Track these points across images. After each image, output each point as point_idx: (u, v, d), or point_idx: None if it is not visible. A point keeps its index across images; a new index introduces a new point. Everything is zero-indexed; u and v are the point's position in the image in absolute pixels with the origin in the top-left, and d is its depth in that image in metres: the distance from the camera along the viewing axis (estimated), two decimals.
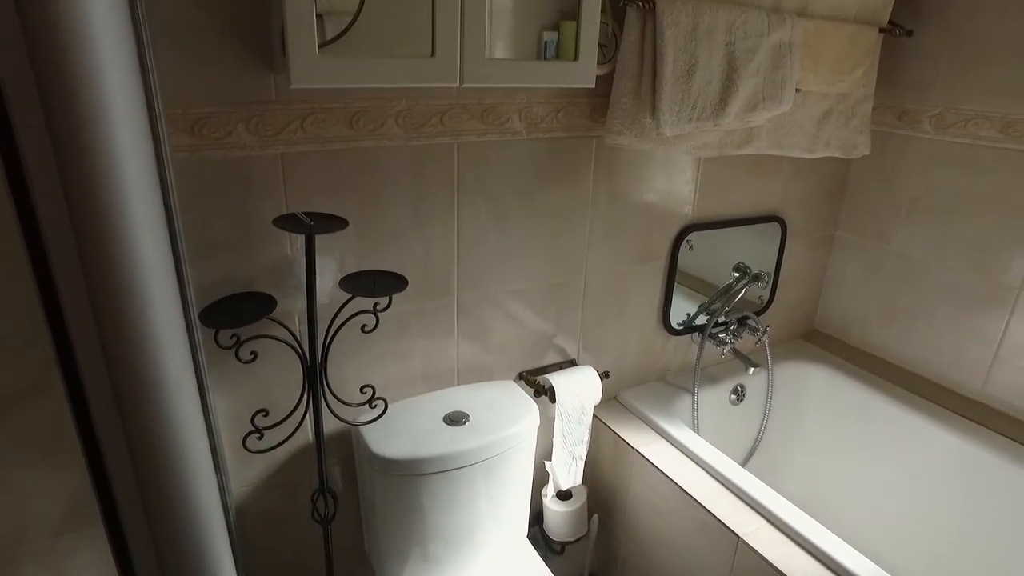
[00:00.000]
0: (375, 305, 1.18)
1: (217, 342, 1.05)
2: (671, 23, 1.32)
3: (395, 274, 1.22)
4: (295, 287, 1.21)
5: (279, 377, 1.28)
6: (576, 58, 1.24)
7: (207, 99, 1.06)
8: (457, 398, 1.43)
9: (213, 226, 1.13)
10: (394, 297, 1.19)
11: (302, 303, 1.23)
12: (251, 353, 1.11)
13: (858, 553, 1.27)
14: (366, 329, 1.22)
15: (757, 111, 1.48)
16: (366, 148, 1.23)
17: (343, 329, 1.19)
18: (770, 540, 1.34)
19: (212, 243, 1.13)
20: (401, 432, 1.31)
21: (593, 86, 1.26)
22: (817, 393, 2.02)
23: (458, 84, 1.12)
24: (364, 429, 1.30)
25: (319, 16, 1.04)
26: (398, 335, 1.39)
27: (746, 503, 1.43)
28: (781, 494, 1.43)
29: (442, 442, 1.29)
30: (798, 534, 1.33)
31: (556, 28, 1.25)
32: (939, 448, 1.75)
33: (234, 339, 1.08)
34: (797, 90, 1.56)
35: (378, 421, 1.30)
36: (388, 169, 1.26)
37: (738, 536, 1.35)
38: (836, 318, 2.16)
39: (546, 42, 1.27)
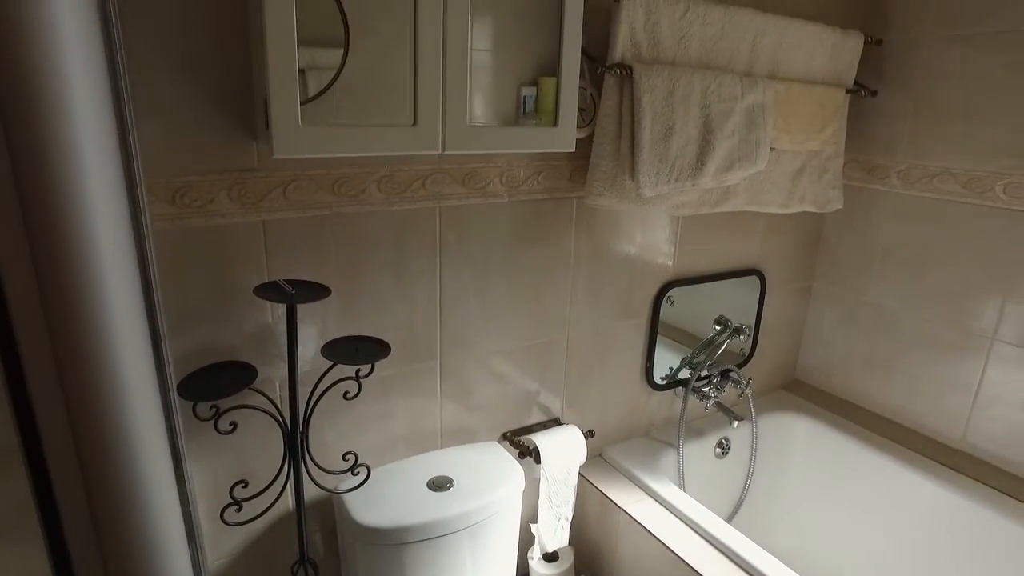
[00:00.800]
0: (357, 372, 1.17)
1: (196, 414, 1.03)
2: (648, 89, 1.35)
3: (377, 340, 1.21)
4: (276, 355, 1.19)
5: (259, 446, 1.25)
6: (556, 123, 1.26)
7: (190, 167, 1.06)
8: (441, 462, 1.41)
9: (194, 295, 1.12)
10: (380, 363, 1.18)
11: (283, 371, 1.22)
12: (230, 424, 1.08)
13: None
14: (348, 396, 1.21)
15: (733, 171, 1.52)
16: (348, 214, 1.23)
17: (325, 396, 1.17)
18: None
19: (193, 312, 1.12)
20: (384, 499, 1.28)
21: (573, 150, 1.29)
22: (801, 444, 2.02)
23: (440, 152, 1.14)
24: (346, 497, 1.27)
25: (301, 71, 1.05)
26: (381, 399, 1.38)
27: (734, 562, 1.41)
28: (768, 548, 1.42)
29: (426, 509, 1.26)
30: None
31: (534, 83, 1.28)
32: (922, 498, 1.76)
33: (213, 410, 1.06)
34: (771, 149, 1.61)
35: (361, 488, 1.27)
36: (370, 234, 1.27)
37: None
38: (817, 368, 2.18)
39: (525, 96, 1.30)
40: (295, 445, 1.14)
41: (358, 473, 1.23)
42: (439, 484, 1.32)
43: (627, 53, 1.37)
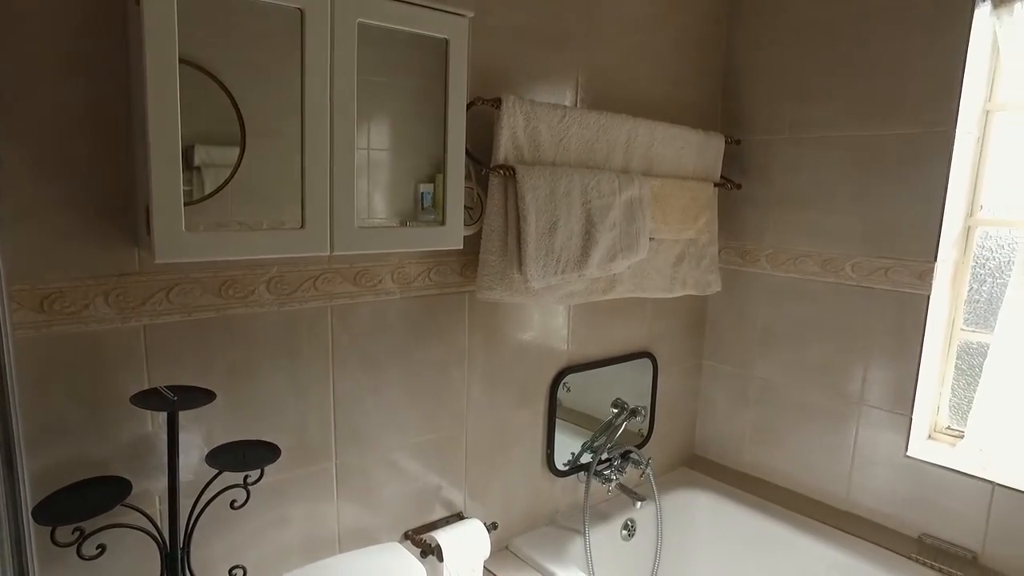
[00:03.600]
0: (246, 478, 1.13)
1: (55, 540, 0.95)
2: (531, 188, 1.44)
3: (267, 443, 1.17)
4: (156, 467, 1.13)
5: (134, 569, 1.16)
6: (443, 222, 1.32)
7: (62, 273, 1.03)
8: (338, 569, 1.34)
9: (61, 407, 1.06)
10: (270, 468, 1.14)
11: (164, 483, 1.15)
12: (98, 547, 1.00)
13: None
14: (236, 505, 1.15)
15: (617, 260, 1.62)
16: (236, 315, 1.22)
17: (211, 507, 1.12)
18: None
19: (57, 425, 1.05)
20: None
21: (461, 247, 1.34)
22: (704, 519, 2.07)
23: (329, 253, 1.16)
24: None
25: (197, 168, 1.06)
26: (273, 506, 1.32)
27: None
28: None
29: None
30: None
31: (432, 180, 1.34)
32: (814, 560, 1.82)
33: (77, 533, 0.98)
34: (651, 239, 1.73)
35: None
36: (260, 336, 1.25)
37: None
38: (713, 443, 2.26)
39: (423, 193, 1.35)
40: (174, 564, 1.07)
41: None
42: None
43: (510, 155, 1.46)
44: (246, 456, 1.13)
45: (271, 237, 1.10)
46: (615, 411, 1.94)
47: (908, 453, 1.79)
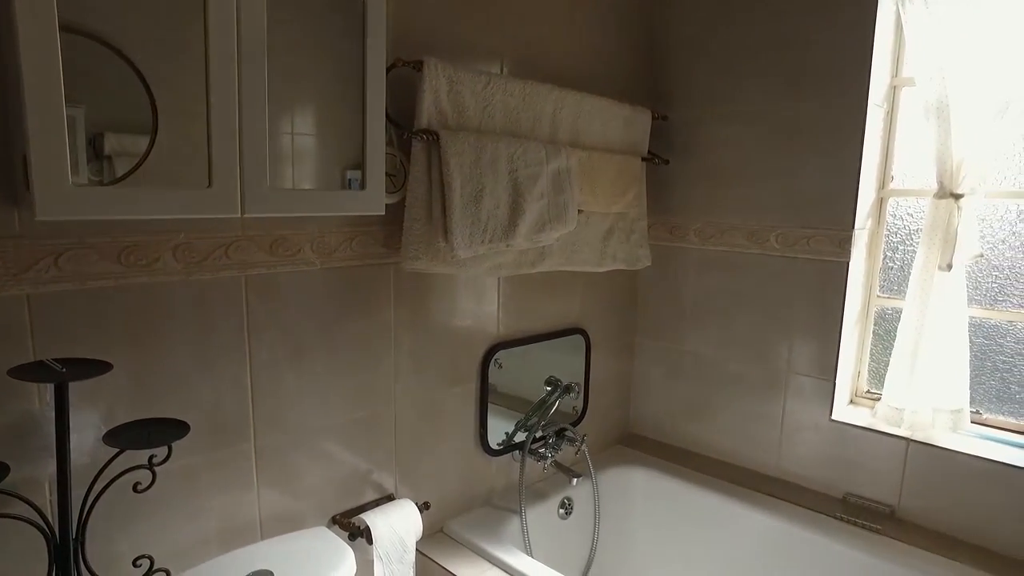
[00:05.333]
0: (151, 459, 1.04)
1: None
2: (455, 153, 1.40)
3: (175, 420, 1.09)
4: (42, 448, 1.02)
5: (19, 566, 1.05)
6: (364, 186, 1.26)
7: None
8: (260, 555, 1.26)
9: None
10: (178, 448, 1.06)
11: (53, 467, 1.05)
12: None
13: None
14: (140, 488, 1.06)
15: (545, 231, 1.59)
16: (140, 285, 1.13)
17: (113, 493, 1.02)
18: None
19: None
20: None
21: (383, 213, 1.29)
22: (641, 495, 2.07)
23: (240, 215, 1.08)
24: None
25: (107, 157, 0.98)
26: (186, 492, 1.23)
27: None
28: None
29: None
30: None
31: (360, 167, 1.27)
32: (751, 527, 1.85)
33: None
34: (580, 211, 1.71)
35: None
36: (167, 307, 1.16)
37: None
38: (648, 419, 2.28)
39: (350, 179, 1.29)
40: (66, 557, 0.97)
41: None
42: None
43: (433, 120, 1.42)
44: (151, 434, 1.04)
45: (174, 196, 1.02)
46: (548, 389, 1.92)
47: (832, 417, 1.84)
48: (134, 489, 1.06)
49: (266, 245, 1.28)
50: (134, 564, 1.09)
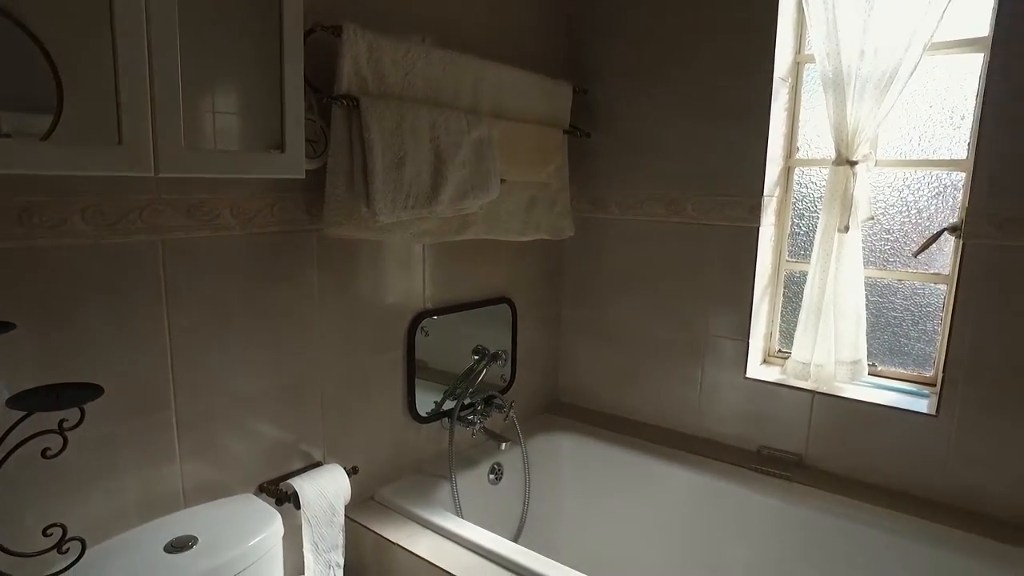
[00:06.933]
0: (61, 423, 1.01)
1: None
2: (376, 119, 1.41)
3: (87, 384, 1.06)
4: None
5: None
6: (283, 150, 1.25)
7: None
8: (183, 523, 1.25)
9: None
10: (93, 415, 1.03)
11: None
12: None
13: None
14: (49, 454, 1.03)
15: (468, 199, 1.62)
16: (45, 247, 1.09)
17: (20, 462, 0.99)
18: None
19: None
20: (109, 575, 1.10)
21: (303, 176, 1.28)
22: (570, 458, 2.14)
23: (154, 174, 1.06)
24: None
25: (7, 135, 0.93)
26: (102, 461, 1.20)
27: (511, 571, 1.42)
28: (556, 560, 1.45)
29: (162, 574, 1.10)
30: None
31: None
32: (674, 483, 1.95)
33: None
34: (503, 181, 1.75)
35: (73, 570, 1.07)
36: (77, 271, 1.13)
37: None
38: (576, 386, 2.34)
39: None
40: None
41: (67, 551, 1.04)
42: (179, 545, 1.17)
43: (353, 86, 1.42)
44: (60, 397, 1.01)
45: (80, 152, 0.99)
46: (476, 358, 1.96)
47: (747, 375, 1.95)
48: (43, 455, 1.03)
49: (183, 209, 1.25)
50: (44, 533, 1.05)
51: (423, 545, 1.52)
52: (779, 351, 2.05)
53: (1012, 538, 1.54)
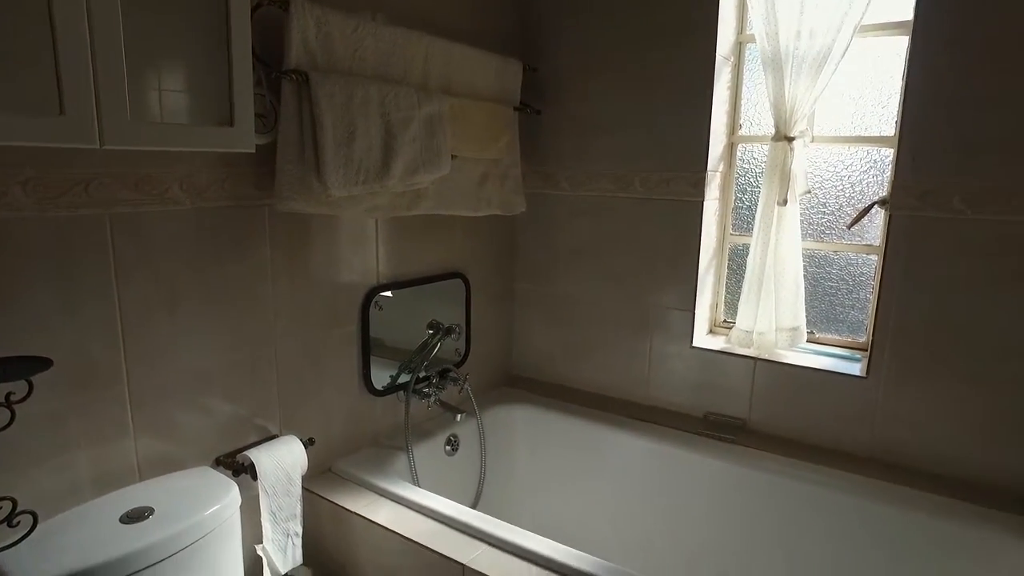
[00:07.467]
0: (8, 396, 1.01)
1: None
2: (326, 94, 1.42)
3: (34, 357, 1.06)
4: None
5: None
6: (232, 124, 1.25)
7: None
8: (138, 495, 1.26)
9: None
10: (43, 390, 1.03)
11: None
12: None
13: (571, 549, 1.38)
14: None
15: (419, 174, 1.64)
16: None
17: None
18: (493, 561, 1.38)
19: None
20: (63, 547, 1.10)
21: (253, 151, 1.28)
22: (524, 429, 2.19)
23: (99, 146, 1.05)
24: (4, 556, 1.07)
25: None
26: (53, 436, 1.20)
27: (468, 535, 1.47)
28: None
29: (118, 544, 1.11)
30: (517, 547, 1.40)
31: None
32: (625, 450, 2.02)
33: None
34: (454, 157, 1.77)
35: (25, 543, 1.07)
36: (19, 245, 1.12)
37: (462, 564, 1.37)
38: (529, 360, 2.40)
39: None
40: None
41: (17, 524, 1.05)
42: (135, 516, 1.18)
43: (302, 61, 1.42)
44: (6, 369, 1.01)
45: (18, 121, 0.97)
46: (431, 331, 1.99)
47: (693, 345, 2.03)
48: None
49: (131, 183, 1.25)
50: None
51: (382, 514, 1.55)
52: (724, 321, 2.13)
53: (930, 486, 1.66)
